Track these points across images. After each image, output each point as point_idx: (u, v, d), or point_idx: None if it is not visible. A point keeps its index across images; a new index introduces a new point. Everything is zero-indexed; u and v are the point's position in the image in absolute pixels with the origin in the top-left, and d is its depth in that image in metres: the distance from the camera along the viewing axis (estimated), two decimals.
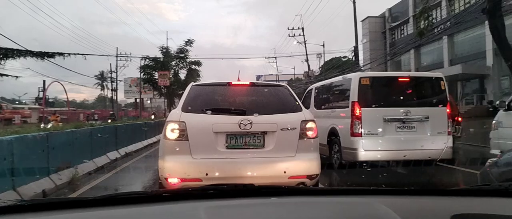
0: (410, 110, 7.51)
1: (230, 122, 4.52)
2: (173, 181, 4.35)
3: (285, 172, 4.47)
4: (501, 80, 27.11)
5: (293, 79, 51.64)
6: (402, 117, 7.49)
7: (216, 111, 4.68)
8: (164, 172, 4.47)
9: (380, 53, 34.38)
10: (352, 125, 7.44)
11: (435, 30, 22.07)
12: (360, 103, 7.47)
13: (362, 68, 29.24)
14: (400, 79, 7.93)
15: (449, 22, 25.34)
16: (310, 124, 4.72)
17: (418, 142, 7.42)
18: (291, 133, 4.61)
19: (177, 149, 4.45)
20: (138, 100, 49.49)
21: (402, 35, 37.43)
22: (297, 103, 5.01)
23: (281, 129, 4.59)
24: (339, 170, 7.10)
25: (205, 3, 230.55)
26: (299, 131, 4.62)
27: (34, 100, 45.64)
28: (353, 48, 27.25)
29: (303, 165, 4.59)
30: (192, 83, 5.53)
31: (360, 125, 7.38)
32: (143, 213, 1.53)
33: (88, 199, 1.62)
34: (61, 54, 22.82)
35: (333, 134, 8.35)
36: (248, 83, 5.11)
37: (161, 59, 32.68)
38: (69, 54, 23.28)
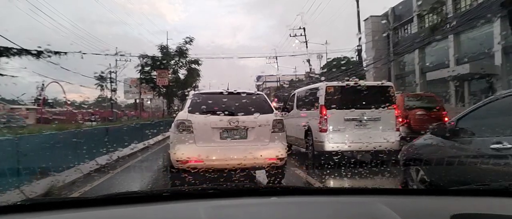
0: (365, 112, 9.33)
1: (223, 120, 6.17)
2: (182, 160, 6.01)
3: (261, 155, 6.14)
4: (510, 80, 26.72)
5: (294, 79, 51.41)
6: (359, 117, 9.34)
7: (213, 112, 6.27)
8: (176, 156, 6.05)
9: (383, 52, 34.18)
10: (320, 123, 9.37)
11: (448, 26, 21.66)
12: (326, 106, 9.37)
13: (365, 68, 29.15)
14: (358, 87, 9.59)
15: (455, 20, 25.01)
16: (279, 122, 6.52)
17: (372, 136, 9.10)
18: (266, 128, 6.33)
19: (185, 139, 6.10)
20: (138, 100, 49.31)
21: (406, 34, 37.17)
22: (270, 107, 6.86)
23: (259, 125, 6.29)
24: (338, 170, 7.78)
25: (205, 3, 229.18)
26: (271, 126, 6.36)
27: (33, 101, 45.56)
28: (356, 48, 27.13)
29: (274, 151, 6.25)
30: (194, 91, 7.55)
31: (326, 123, 9.30)
32: (143, 213, 1.55)
33: (88, 199, 1.64)
34: (57, 52, 22.45)
35: (308, 130, 10.23)
36: (235, 92, 6.70)
37: (160, 58, 31.80)
38: (66, 52, 22.74)
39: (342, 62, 36.03)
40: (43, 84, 34.62)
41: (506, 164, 3.69)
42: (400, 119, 11.06)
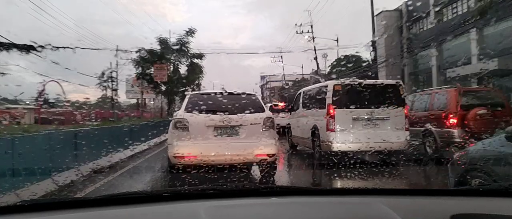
0: (374, 111, 9.45)
1: (217, 119, 6.81)
2: (179, 156, 6.69)
3: (252, 151, 6.79)
4: None
5: (299, 79, 51.07)
6: (367, 117, 9.51)
7: (208, 111, 6.93)
8: (173, 152, 6.77)
9: (396, 49, 33.79)
10: (328, 123, 9.54)
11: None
12: (334, 105, 9.54)
13: (377, 66, 28.94)
14: (366, 86, 9.69)
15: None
16: (270, 120, 7.11)
17: (380, 136, 9.26)
18: (257, 126, 6.96)
19: (182, 136, 6.79)
20: (139, 100, 49.32)
21: (421, 28, 36.59)
22: (262, 106, 7.53)
23: (251, 124, 6.92)
24: (338, 170, 7.97)
25: (208, 3, 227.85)
26: (262, 124, 6.98)
27: (34, 100, 45.66)
28: (369, 45, 26.74)
29: (264, 147, 6.88)
30: (191, 92, 8.49)
31: (334, 122, 9.46)
32: (143, 213, 1.62)
33: (88, 199, 1.71)
34: (50, 46, 21.94)
35: (315, 130, 10.42)
36: (229, 92, 7.29)
37: (159, 52, 29.67)
38: (58, 47, 22.10)
39: (342, 62, 35.72)
40: (43, 85, 34.72)
41: None
42: (455, 120, 10.23)
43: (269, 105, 22.32)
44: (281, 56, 48.38)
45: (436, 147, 10.65)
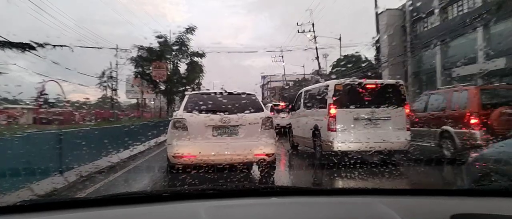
0: (375, 111, 9.60)
1: (215, 118, 6.94)
2: (177, 155, 6.80)
3: (251, 151, 6.91)
4: None
5: (300, 79, 51.03)
6: (368, 116, 9.61)
7: (207, 111, 7.01)
8: (172, 152, 6.87)
9: (400, 48, 33.66)
10: (329, 123, 9.61)
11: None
12: (335, 105, 9.65)
13: (380, 65, 28.89)
14: (367, 85, 9.87)
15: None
16: (268, 120, 7.24)
17: (381, 136, 9.36)
18: (256, 126, 7.07)
19: (180, 136, 6.88)
20: (139, 100, 49.29)
21: (426, 27, 36.40)
22: (261, 106, 7.62)
23: (249, 123, 7.03)
24: (338, 170, 8.03)
25: (208, 3, 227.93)
26: (261, 124, 7.09)
27: (34, 100, 45.65)
28: (373, 44, 26.67)
29: (263, 147, 7.00)
30: (190, 92, 8.73)
31: (335, 122, 9.53)
32: (143, 213, 1.64)
33: (88, 199, 1.73)
34: (53, 46, 21.80)
35: (316, 129, 10.51)
36: (228, 92, 7.42)
37: (158, 49, 28.81)
38: (55, 46, 21.75)
39: (342, 63, 35.60)
40: (43, 85, 34.81)
41: None
42: (477, 120, 9.55)
43: (269, 105, 22.38)
44: (282, 56, 48.34)
45: (455, 149, 10.05)
